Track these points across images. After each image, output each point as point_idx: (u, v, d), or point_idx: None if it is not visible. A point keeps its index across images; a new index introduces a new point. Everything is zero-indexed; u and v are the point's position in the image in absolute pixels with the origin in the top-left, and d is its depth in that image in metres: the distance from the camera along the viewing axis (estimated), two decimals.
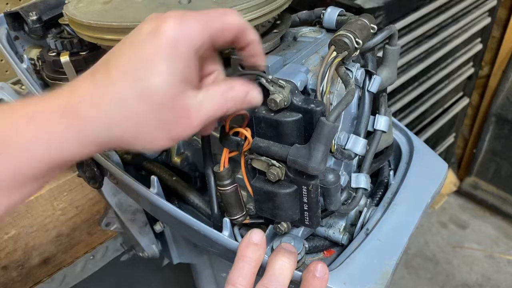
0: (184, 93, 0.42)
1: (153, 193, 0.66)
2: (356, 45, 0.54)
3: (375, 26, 0.59)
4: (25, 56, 0.76)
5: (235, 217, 0.62)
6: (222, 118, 0.56)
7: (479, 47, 1.93)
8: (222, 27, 0.45)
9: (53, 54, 0.75)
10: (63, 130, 0.40)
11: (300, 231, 0.64)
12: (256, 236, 0.54)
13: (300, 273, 0.54)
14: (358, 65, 0.61)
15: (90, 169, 0.71)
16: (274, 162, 0.52)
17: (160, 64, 0.40)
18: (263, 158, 0.53)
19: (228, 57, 0.60)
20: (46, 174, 0.41)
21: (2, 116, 0.40)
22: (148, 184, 0.66)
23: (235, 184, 0.60)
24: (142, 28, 0.43)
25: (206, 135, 0.60)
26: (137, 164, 0.72)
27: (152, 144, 0.44)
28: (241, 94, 0.48)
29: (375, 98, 0.66)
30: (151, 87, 0.40)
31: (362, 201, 0.66)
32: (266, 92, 0.51)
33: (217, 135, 0.59)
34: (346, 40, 0.54)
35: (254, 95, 0.49)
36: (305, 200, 0.54)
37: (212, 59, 0.50)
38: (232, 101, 0.47)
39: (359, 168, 0.66)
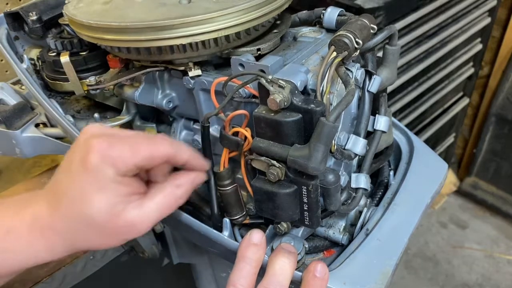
0: (124, 210, 0.47)
1: None
2: (356, 45, 0.54)
3: (375, 26, 0.59)
4: (25, 56, 0.76)
5: (235, 217, 0.62)
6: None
7: (479, 47, 1.93)
8: (149, 156, 0.49)
9: (53, 54, 0.75)
10: (33, 244, 0.48)
11: (300, 231, 0.64)
12: (256, 236, 0.54)
13: (300, 273, 0.54)
14: (358, 65, 0.61)
15: None
16: (274, 162, 0.52)
17: (93, 196, 0.46)
18: (263, 158, 0.53)
19: (228, 57, 0.60)
20: (16, 273, 0.50)
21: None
22: None
23: (235, 184, 0.61)
24: (73, 157, 0.48)
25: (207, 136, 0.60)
26: None
27: (108, 247, 0.51)
28: (189, 186, 0.53)
29: (375, 98, 0.66)
30: (91, 216, 0.47)
31: (362, 201, 0.66)
32: (266, 92, 0.51)
33: (217, 135, 0.59)
34: (346, 40, 0.54)
35: (201, 177, 0.55)
36: (305, 200, 0.54)
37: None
38: (182, 197, 0.53)
39: (359, 168, 0.66)
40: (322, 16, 0.66)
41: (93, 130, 0.49)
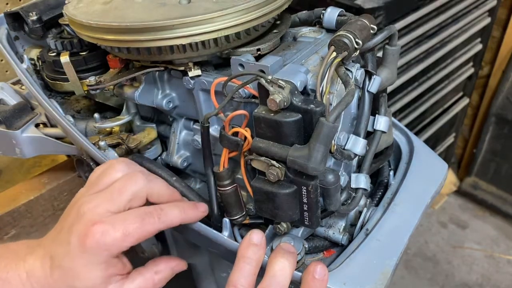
0: None
1: None
2: (356, 46, 0.54)
3: (375, 27, 0.59)
4: (25, 56, 0.76)
5: (235, 217, 0.62)
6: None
7: (479, 47, 1.93)
8: (141, 237, 0.53)
9: (53, 54, 0.75)
10: None
11: (300, 231, 0.64)
12: (256, 236, 0.54)
13: (300, 274, 0.54)
14: (358, 65, 0.61)
15: (90, 170, 0.71)
16: (274, 162, 0.52)
17: (85, 274, 0.52)
18: (263, 158, 0.53)
19: (228, 57, 0.60)
20: None
21: None
22: None
23: (235, 185, 0.61)
24: (73, 233, 0.52)
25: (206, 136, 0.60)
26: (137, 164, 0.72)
27: None
28: (168, 273, 0.59)
29: (375, 99, 0.66)
30: (77, 287, 0.52)
31: (362, 201, 0.66)
32: (266, 93, 0.51)
33: (217, 135, 0.59)
34: (346, 41, 0.54)
35: (181, 266, 0.61)
36: (304, 200, 0.54)
37: None
38: (160, 282, 0.58)
39: (359, 168, 0.66)
40: (322, 16, 0.66)
41: (89, 213, 0.53)
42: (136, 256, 0.93)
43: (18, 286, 0.53)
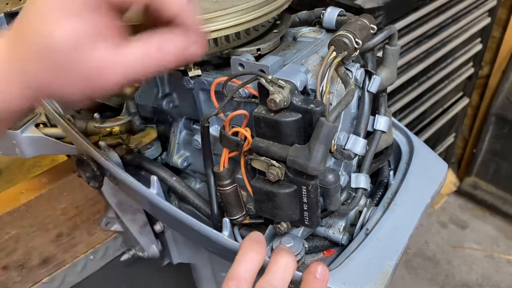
0: (93, 47, 0.39)
1: (153, 193, 0.66)
2: (356, 45, 0.54)
3: (375, 27, 0.59)
4: None
5: (235, 217, 0.62)
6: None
7: (479, 47, 1.93)
8: None
9: None
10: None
11: (300, 231, 0.64)
12: (258, 235, 0.55)
13: (300, 274, 0.54)
14: (358, 65, 0.61)
15: (90, 169, 0.71)
16: (274, 162, 0.52)
17: (58, 21, 0.38)
18: (263, 158, 0.53)
19: (228, 57, 0.60)
20: None
21: None
22: (148, 184, 0.66)
23: (235, 184, 0.61)
24: None
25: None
26: (137, 164, 0.72)
27: (70, 95, 0.41)
28: (180, 49, 0.42)
29: (375, 98, 0.66)
30: (52, 47, 0.38)
31: (362, 201, 0.66)
32: (265, 92, 0.51)
33: (217, 135, 0.59)
34: (346, 40, 0.54)
35: (197, 50, 0.43)
36: (304, 200, 0.54)
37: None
38: (168, 56, 0.41)
39: (359, 168, 0.66)
40: (322, 16, 0.66)
41: None
42: (136, 256, 0.93)
43: None
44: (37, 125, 0.78)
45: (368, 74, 0.63)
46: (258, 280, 0.51)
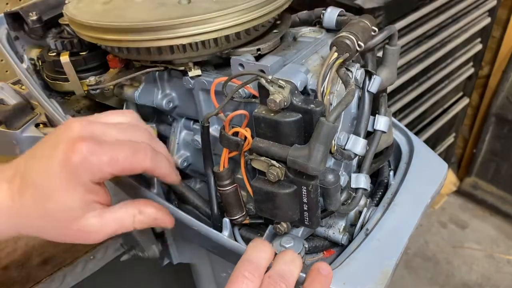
0: (84, 216, 0.48)
1: (153, 193, 0.66)
2: (358, 48, 0.54)
3: (376, 29, 0.59)
4: (25, 56, 0.76)
5: (235, 217, 0.62)
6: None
7: (479, 47, 1.93)
8: (128, 168, 0.49)
9: (53, 54, 0.75)
10: None
11: (300, 231, 0.64)
12: (261, 239, 0.55)
13: (304, 275, 0.54)
14: (358, 65, 0.61)
15: None
16: (274, 162, 0.52)
17: (61, 193, 0.46)
18: (263, 158, 0.53)
19: (228, 57, 0.60)
20: None
21: None
22: (148, 184, 0.66)
23: (235, 185, 0.61)
24: (54, 152, 0.47)
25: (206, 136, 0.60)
26: None
27: (57, 241, 0.50)
28: (150, 220, 0.53)
29: (375, 98, 0.66)
30: (52, 212, 0.47)
31: (362, 201, 0.66)
32: (266, 92, 0.51)
33: (217, 135, 0.59)
34: (348, 42, 0.54)
35: (165, 221, 0.54)
36: (304, 200, 0.54)
37: None
38: (139, 223, 0.52)
39: (359, 168, 0.66)
40: (322, 16, 0.66)
41: (79, 130, 0.48)
42: (136, 256, 0.93)
43: None
44: (37, 125, 0.78)
45: (368, 74, 0.63)
46: (268, 272, 0.51)
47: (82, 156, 0.46)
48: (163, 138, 0.75)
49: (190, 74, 0.61)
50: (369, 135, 0.66)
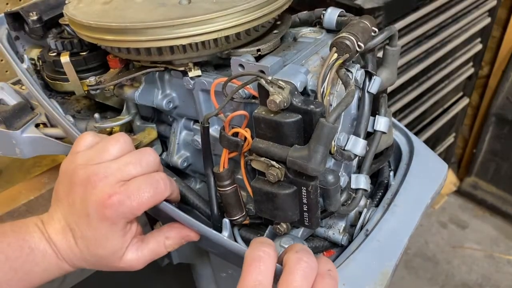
0: (125, 254, 0.58)
1: None
2: (358, 49, 0.54)
3: (376, 29, 0.59)
4: (25, 56, 0.76)
5: (235, 218, 0.62)
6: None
7: (479, 47, 1.93)
8: (153, 204, 0.56)
9: (54, 54, 0.75)
10: (49, 264, 0.58)
11: (300, 231, 0.64)
12: (263, 238, 0.55)
13: None
14: (358, 66, 0.61)
15: None
16: (274, 163, 0.52)
17: (106, 242, 0.56)
18: (263, 158, 0.53)
19: (228, 57, 0.60)
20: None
21: (14, 238, 0.56)
22: None
23: (235, 185, 0.61)
24: (88, 204, 0.54)
25: (206, 137, 0.60)
26: None
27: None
28: (177, 241, 0.62)
29: (375, 99, 0.66)
30: (102, 257, 0.58)
31: (362, 202, 0.66)
32: (265, 93, 0.51)
33: (217, 135, 0.59)
34: (348, 43, 0.54)
35: (191, 236, 0.62)
36: (304, 201, 0.54)
37: None
38: (170, 247, 0.62)
39: (359, 169, 0.66)
40: (322, 17, 0.66)
41: (103, 186, 0.54)
42: None
43: (51, 258, 0.57)
44: (37, 125, 0.78)
45: (368, 75, 0.63)
46: (280, 278, 0.50)
47: (114, 210, 0.54)
48: (163, 138, 0.76)
49: (190, 74, 0.61)
50: (369, 135, 0.66)
